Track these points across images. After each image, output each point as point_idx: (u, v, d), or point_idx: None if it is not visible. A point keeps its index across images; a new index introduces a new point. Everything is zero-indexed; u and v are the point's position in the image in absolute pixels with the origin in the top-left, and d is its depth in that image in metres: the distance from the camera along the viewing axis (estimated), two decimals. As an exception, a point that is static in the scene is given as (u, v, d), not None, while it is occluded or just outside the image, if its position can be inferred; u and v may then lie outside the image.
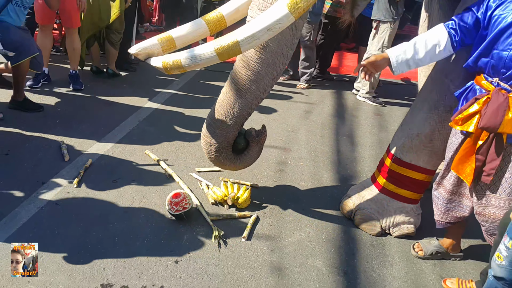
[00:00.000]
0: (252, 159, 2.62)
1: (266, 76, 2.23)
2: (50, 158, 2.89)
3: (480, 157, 1.93)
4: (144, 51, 2.18)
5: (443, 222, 2.27)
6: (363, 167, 3.34)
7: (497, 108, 1.82)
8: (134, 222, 2.38)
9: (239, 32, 1.93)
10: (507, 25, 1.80)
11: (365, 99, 4.88)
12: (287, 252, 2.30)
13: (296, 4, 1.84)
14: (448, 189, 2.17)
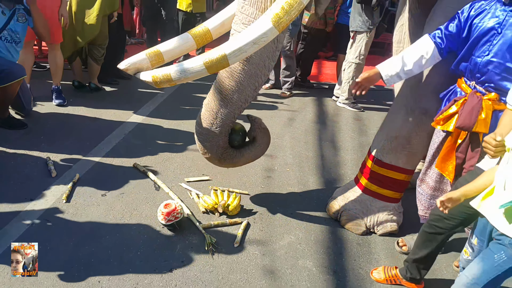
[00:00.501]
0: (264, 145, 2.63)
1: (248, 86, 2.31)
2: (37, 175, 2.89)
3: (460, 155, 2.07)
4: (134, 66, 2.24)
5: (427, 217, 2.38)
6: (346, 170, 3.45)
7: (472, 109, 1.96)
8: (126, 234, 2.41)
9: (226, 46, 2.02)
10: (483, 33, 1.94)
11: (345, 105, 5.03)
12: (278, 255, 2.37)
13: (279, 19, 1.94)
14: (431, 185, 2.29)
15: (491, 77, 1.94)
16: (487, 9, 1.96)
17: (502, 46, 1.88)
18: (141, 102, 4.47)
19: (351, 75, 4.92)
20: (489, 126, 1.97)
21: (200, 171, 3.17)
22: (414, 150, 2.47)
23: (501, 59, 1.89)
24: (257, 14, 2.10)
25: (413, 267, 2.15)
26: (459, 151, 2.08)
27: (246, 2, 2.13)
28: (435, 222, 1.99)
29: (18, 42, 3.36)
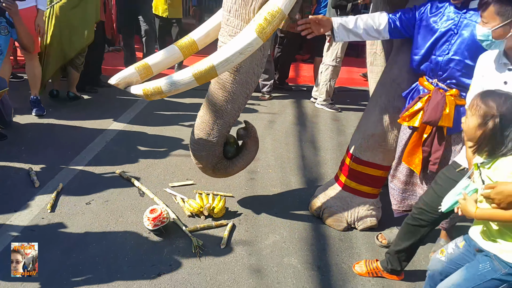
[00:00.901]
0: (253, 153, 2.71)
1: (241, 95, 2.39)
2: (20, 186, 2.88)
3: (426, 149, 2.20)
4: (124, 80, 2.29)
5: (400, 210, 2.50)
6: (326, 169, 3.56)
7: (436, 104, 2.10)
8: (112, 241, 2.44)
9: (214, 57, 2.09)
10: (441, 34, 2.10)
11: (323, 106, 5.14)
12: (264, 254, 2.44)
13: (263, 29, 2.02)
14: (402, 180, 2.41)
15: (452, 74, 2.10)
16: (442, 11, 2.12)
17: (460, 45, 2.05)
18: (121, 110, 4.47)
19: (328, 77, 5.05)
20: (452, 120, 2.12)
21: (184, 176, 3.21)
22: (390, 147, 2.58)
23: (461, 57, 2.06)
24: (242, 26, 2.18)
25: (395, 258, 2.24)
26: (425, 145, 2.21)
27: (231, 15, 2.20)
28: (418, 215, 2.07)
29: (0, 54, 3.34)
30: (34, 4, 3.82)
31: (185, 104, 4.84)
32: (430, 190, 2.04)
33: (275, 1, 2.05)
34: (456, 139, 2.20)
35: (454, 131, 2.18)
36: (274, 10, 2.03)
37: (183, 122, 4.27)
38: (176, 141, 3.82)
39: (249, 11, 2.16)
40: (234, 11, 2.20)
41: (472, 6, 2.03)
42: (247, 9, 2.16)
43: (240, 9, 2.17)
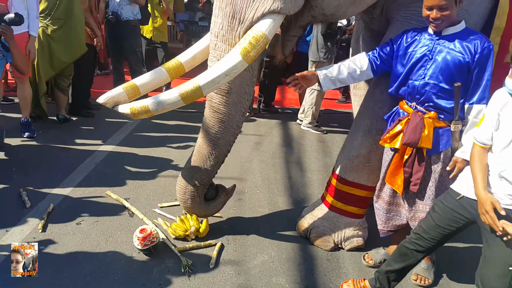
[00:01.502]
0: (217, 208, 2.87)
1: (236, 115, 2.50)
2: (11, 206, 2.89)
3: (407, 169, 2.30)
4: (112, 100, 2.36)
5: (385, 230, 2.59)
6: (313, 189, 3.64)
7: (415, 126, 2.23)
8: (103, 261, 2.46)
9: (200, 78, 2.19)
10: (417, 59, 2.25)
11: (309, 129, 5.28)
12: (252, 273, 2.49)
13: (248, 52, 2.15)
14: (386, 200, 2.50)
15: (429, 97, 2.23)
16: (417, 39, 2.28)
17: (435, 69, 2.20)
18: (110, 132, 4.52)
19: (314, 101, 5.20)
20: (431, 141, 2.23)
21: (173, 197, 3.24)
22: (374, 167, 2.68)
23: (436, 80, 2.20)
24: (228, 50, 2.30)
25: (384, 278, 2.26)
26: (406, 166, 2.31)
27: (218, 40, 2.33)
28: (416, 240, 2.12)
29: None
30: (26, 30, 3.91)
31: (173, 126, 4.92)
32: (428, 218, 2.10)
33: (259, 26, 2.19)
34: (436, 160, 2.30)
35: (433, 153, 2.28)
36: (258, 35, 2.17)
37: (171, 144, 4.34)
38: (164, 163, 3.87)
39: (235, 36, 2.29)
40: (221, 37, 2.33)
41: (444, 33, 2.19)
42: (233, 34, 2.29)
43: (227, 35, 2.30)
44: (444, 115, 2.25)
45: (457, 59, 2.14)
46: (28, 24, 3.89)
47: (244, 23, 2.24)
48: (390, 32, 2.60)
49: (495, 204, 1.77)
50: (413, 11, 2.47)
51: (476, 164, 1.85)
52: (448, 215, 2.00)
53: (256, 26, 2.20)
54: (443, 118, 2.25)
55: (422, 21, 2.43)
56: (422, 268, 2.57)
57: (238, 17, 2.24)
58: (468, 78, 2.16)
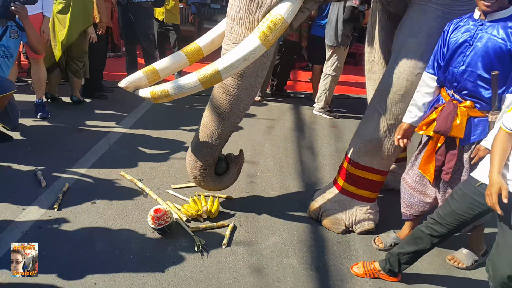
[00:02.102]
0: (231, 180, 2.88)
1: (245, 98, 2.50)
2: (27, 185, 2.95)
3: (439, 158, 2.28)
4: (133, 84, 2.39)
5: (407, 214, 2.61)
6: (325, 174, 3.65)
7: (447, 115, 2.19)
8: (118, 239, 2.51)
9: (219, 62, 2.19)
10: (457, 45, 2.17)
11: (321, 113, 5.25)
12: (264, 254, 2.52)
13: (266, 37, 2.14)
14: (411, 185, 2.52)
15: (466, 85, 2.16)
16: (461, 25, 2.19)
17: (474, 56, 2.11)
18: (123, 114, 4.56)
19: (327, 86, 5.15)
20: (464, 131, 2.18)
21: (186, 178, 3.28)
22: (387, 152, 2.67)
23: (474, 68, 2.11)
24: (245, 33, 2.28)
25: (395, 260, 2.29)
26: (438, 154, 2.29)
27: (235, 23, 2.31)
28: (432, 225, 2.13)
29: (10, 57, 3.43)
30: (41, 11, 3.91)
31: (186, 108, 4.94)
32: (446, 204, 2.10)
33: (278, 10, 2.17)
34: (469, 150, 2.25)
35: (466, 142, 2.23)
36: (277, 18, 2.15)
37: (184, 126, 4.36)
38: (177, 145, 3.90)
39: (253, 19, 2.26)
40: (238, 20, 2.30)
41: (490, 18, 2.07)
42: (250, 18, 2.27)
43: (244, 18, 2.28)
44: (480, 104, 2.16)
45: (498, 46, 2.03)
46: (42, 5, 3.90)
47: (263, 7, 2.21)
48: (408, 15, 2.55)
49: (503, 190, 1.76)
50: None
51: (498, 147, 1.83)
52: (467, 203, 2.00)
53: (274, 9, 2.17)
54: (480, 108, 2.17)
55: (441, 4, 2.38)
56: (462, 253, 2.59)
57: (256, 1, 2.21)
58: (509, 67, 2.04)
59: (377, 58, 3.20)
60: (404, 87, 2.51)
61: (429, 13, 2.41)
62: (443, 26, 2.31)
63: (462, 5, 2.36)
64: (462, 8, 2.36)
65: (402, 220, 2.99)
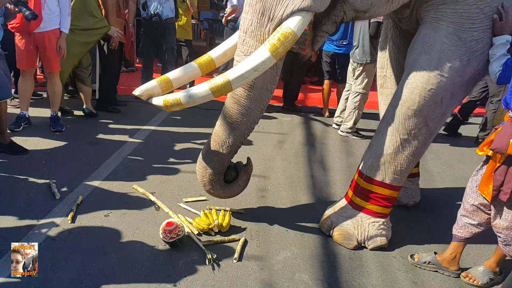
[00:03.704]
0: (240, 188, 2.89)
1: (255, 109, 2.53)
2: (41, 197, 2.99)
3: (499, 178, 2.25)
4: (146, 92, 2.47)
5: (459, 236, 2.56)
6: (336, 189, 3.64)
7: (505, 133, 2.18)
8: (130, 252, 2.52)
9: (230, 72, 2.25)
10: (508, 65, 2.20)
11: (348, 134, 5.07)
12: (275, 269, 2.50)
13: (276, 49, 2.18)
14: (467, 209, 2.50)
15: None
16: None
17: None
18: (137, 127, 4.62)
19: (357, 105, 5.01)
20: None
21: (197, 192, 3.30)
22: (400, 167, 2.66)
23: None
24: (256, 46, 2.33)
25: None
26: (497, 174, 2.25)
27: (247, 35, 2.36)
28: None
29: None
30: (58, 26, 4.02)
31: (197, 122, 4.99)
32: None
33: (288, 23, 2.22)
34: None
35: None
36: (287, 32, 2.20)
37: (196, 140, 4.40)
38: (189, 158, 3.93)
39: (264, 32, 2.32)
40: (250, 32, 2.36)
41: None
42: (262, 30, 2.32)
43: (256, 31, 2.34)
44: None
45: None
46: (60, 20, 4.00)
47: (274, 20, 2.26)
48: (420, 33, 2.58)
49: None
50: (442, 12, 2.46)
51: None
52: None
53: (285, 23, 2.22)
54: None
55: (451, 22, 2.42)
56: (477, 270, 2.56)
57: (268, 14, 2.27)
58: None
59: (389, 74, 3.22)
60: (417, 102, 2.52)
61: (440, 31, 2.46)
62: (455, 43, 2.33)
63: (474, 23, 2.40)
64: (474, 25, 2.40)
65: (415, 237, 2.97)
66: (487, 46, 2.45)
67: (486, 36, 2.43)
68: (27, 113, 4.18)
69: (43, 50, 3.96)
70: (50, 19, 3.90)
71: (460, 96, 2.64)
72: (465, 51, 2.44)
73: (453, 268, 2.61)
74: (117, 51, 4.94)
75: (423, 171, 4.02)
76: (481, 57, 2.47)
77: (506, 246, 2.39)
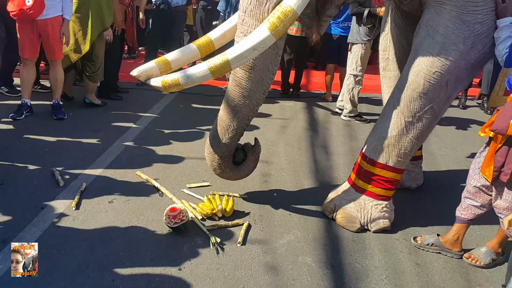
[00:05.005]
0: (250, 168, 2.89)
1: (257, 91, 2.53)
2: (45, 185, 3.01)
3: (499, 159, 2.25)
4: (145, 73, 2.45)
5: (463, 218, 2.56)
6: (339, 173, 3.64)
7: (505, 114, 2.17)
8: (135, 237, 2.54)
9: (229, 52, 2.23)
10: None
11: (350, 119, 5.04)
12: (279, 252, 2.52)
13: (276, 27, 2.16)
14: (470, 191, 2.50)
15: None
16: None
17: None
18: (139, 113, 4.62)
19: (350, 87, 5.00)
20: None
21: (201, 178, 3.31)
22: (404, 150, 2.66)
23: None
24: (256, 25, 2.31)
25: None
26: (498, 155, 2.25)
27: (246, 15, 2.34)
28: None
29: None
30: (61, 13, 3.98)
31: (201, 108, 4.98)
32: None
33: (288, 1, 2.20)
34: None
35: None
36: (286, 9, 2.18)
37: (200, 126, 4.40)
38: (192, 144, 3.94)
39: (263, 11, 2.30)
40: (249, 12, 2.34)
41: None
42: (261, 9, 2.30)
43: (255, 10, 2.32)
44: None
45: None
46: (62, 7, 3.96)
47: None
48: (424, 17, 2.57)
49: None
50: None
51: None
52: None
53: (285, 1, 2.20)
54: None
55: (455, 5, 2.39)
56: (480, 251, 2.57)
57: None
58: None
59: (392, 56, 3.19)
60: (422, 85, 2.52)
61: (443, 15, 2.45)
62: (458, 27, 2.34)
63: (477, 5, 2.38)
64: (477, 8, 2.38)
65: (418, 219, 2.98)
66: (491, 29, 2.41)
67: (490, 18, 2.40)
68: (29, 101, 4.17)
69: (46, 37, 3.92)
70: (52, 6, 3.86)
71: (465, 80, 2.62)
72: (469, 34, 2.41)
73: (456, 249, 2.62)
74: (117, 38, 4.90)
75: (427, 154, 4.01)
76: (486, 40, 2.44)
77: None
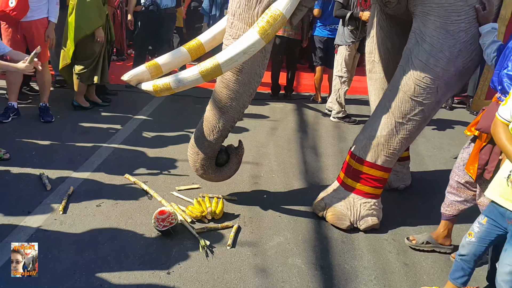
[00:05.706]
0: (232, 171, 2.90)
1: (244, 93, 2.54)
2: (32, 189, 2.97)
3: (484, 157, 2.30)
4: (135, 77, 2.45)
5: (447, 214, 2.62)
6: (328, 174, 3.65)
7: (490, 113, 2.20)
8: (123, 241, 2.52)
9: (219, 56, 2.25)
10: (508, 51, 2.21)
11: (339, 120, 5.04)
12: (269, 254, 2.52)
13: (265, 31, 2.18)
14: (454, 186, 2.55)
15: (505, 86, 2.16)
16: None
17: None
18: (128, 116, 4.58)
19: (336, 88, 5.03)
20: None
21: (190, 180, 3.30)
22: (393, 149, 2.70)
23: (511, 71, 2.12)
24: (245, 29, 2.32)
25: None
26: (482, 153, 2.31)
27: (235, 18, 2.35)
28: None
29: None
30: (46, 15, 3.94)
31: (190, 110, 4.96)
32: None
33: (276, 5, 2.22)
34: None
35: None
36: (276, 13, 2.20)
37: (189, 128, 4.38)
38: (182, 147, 3.92)
39: (252, 15, 2.32)
40: (238, 15, 2.35)
41: None
42: (250, 13, 2.32)
43: (244, 13, 2.33)
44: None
45: None
46: (48, 9, 3.92)
47: (262, 2, 2.26)
48: (413, 25, 2.61)
49: None
50: (429, 7, 2.48)
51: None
52: None
53: (273, 5, 2.22)
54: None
55: (438, 15, 2.46)
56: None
57: None
58: None
59: (377, 59, 3.24)
60: (412, 88, 2.58)
61: (428, 25, 2.52)
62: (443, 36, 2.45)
63: (459, 15, 2.45)
64: (460, 17, 2.45)
65: (406, 219, 3.00)
66: (476, 36, 2.49)
67: (473, 26, 2.47)
68: (16, 104, 4.13)
69: (31, 39, 3.89)
70: (37, 8, 3.83)
71: (455, 85, 2.68)
72: (454, 43, 2.48)
73: (447, 243, 2.68)
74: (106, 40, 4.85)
75: (414, 155, 4.05)
76: (473, 47, 2.51)
77: None
